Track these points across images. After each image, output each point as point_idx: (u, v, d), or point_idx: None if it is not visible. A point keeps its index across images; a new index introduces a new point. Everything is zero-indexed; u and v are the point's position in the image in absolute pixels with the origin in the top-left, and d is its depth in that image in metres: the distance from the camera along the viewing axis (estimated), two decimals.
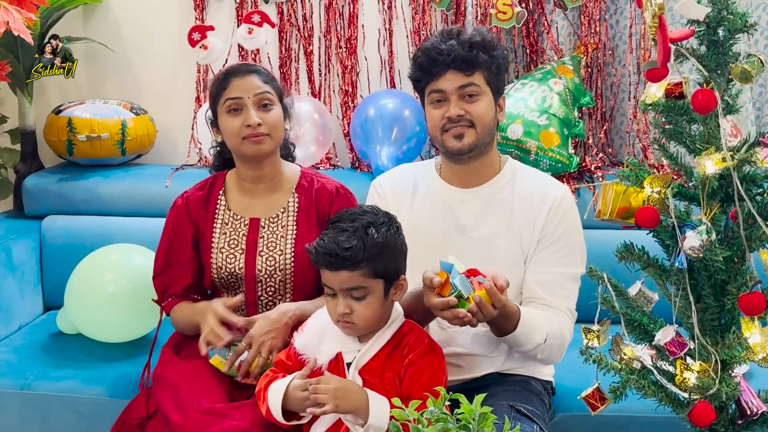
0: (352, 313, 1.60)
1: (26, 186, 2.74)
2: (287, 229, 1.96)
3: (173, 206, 2.03)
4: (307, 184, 2.01)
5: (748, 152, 1.05)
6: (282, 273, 1.93)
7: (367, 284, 1.59)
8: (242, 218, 1.98)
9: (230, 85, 1.91)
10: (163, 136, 2.98)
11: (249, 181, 2.00)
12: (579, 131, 2.67)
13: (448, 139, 1.82)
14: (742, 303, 1.04)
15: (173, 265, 1.98)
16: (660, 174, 1.11)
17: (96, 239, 2.54)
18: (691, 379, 1.04)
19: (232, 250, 1.95)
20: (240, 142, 1.91)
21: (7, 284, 2.45)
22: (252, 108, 1.89)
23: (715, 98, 1.05)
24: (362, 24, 2.91)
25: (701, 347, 1.08)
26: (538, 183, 1.90)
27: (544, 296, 1.80)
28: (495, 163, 1.91)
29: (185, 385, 1.81)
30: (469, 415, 1.18)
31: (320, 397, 1.55)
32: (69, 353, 2.28)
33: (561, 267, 1.80)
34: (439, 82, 1.80)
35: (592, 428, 1.99)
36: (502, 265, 1.79)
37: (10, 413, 2.09)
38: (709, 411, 1.03)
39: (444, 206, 1.89)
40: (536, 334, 1.72)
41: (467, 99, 1.80)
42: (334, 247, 1.57)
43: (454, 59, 1.77)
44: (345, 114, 2.94)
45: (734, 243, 1.09)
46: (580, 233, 1.86)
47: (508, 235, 1.84)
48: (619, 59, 2.82)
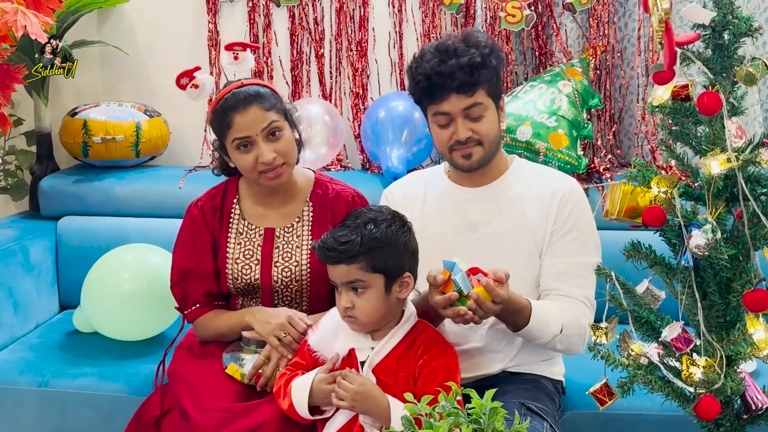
0: (354, 307, 1.64)
1: (42, 187, 2.79)
2: (302, 238, 1.97)
3: (189, 215, 2.01)
4: (322, 192, 2.01)
5: (753, 153, 1.08)
6: (298, 283, 1.95)
7: (365, 278, 1.62)
8: (257, 228, 1.98)
9: (234, 124, 1.85)
10: (177, 138, 3.02)
11: (263, 195, 2.00)
12: (588, 133, 2.70)
13: (457, 158, 1.85)
14: (746, 300, 1.06)
15: (193, 273, 1.97)
16: (667, 174, 1.14)
17: (111, 239, 2.58)
18: (696, 374, 1.07)
19: (247, 261, 1.96)
20: (257, 177, 1.89)
21: (25, 283, 2.50)
22: (262, 143, 1.85)
23: (720, 100, 1.08)
24: (373, 27, 2.94)
25: (707, 343, 1.10)
26: (546, 177, 1.93)
27: (560, 287, 1.82)
28: (502, 163, 1.94)
29: (201, 383, 1.84)
30: (480, 409, 1.21)
31: (340, 393, 1.59)
32: (85, 351, 2.32)
33: (575, 257, 1.82)
34: (443, 105, 1.79)
35: (601, 426, 2.02)
36: (516, 261, 1.82)
37: (29, 410, 2.13)
38: (714, 405, 1.06)
39: (454, 206, 1.92)
40: (551, 326, 1.74)
41: (472, 120, 1.80)
42: (332, 241, 1.62)
43: (457, 85, 1.76)
44: (356, 116, 2.98)
45: (739, 242, 1.11)
46: (592, 223, 1.87)
47: (520, 230, 1.87)
48: (627, 62, 2.85)
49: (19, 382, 2.16)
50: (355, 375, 1.62)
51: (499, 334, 1.86)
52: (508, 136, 2.62)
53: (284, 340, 1.84)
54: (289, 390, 1.69)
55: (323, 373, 1.66)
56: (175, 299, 2.01)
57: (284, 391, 1.71)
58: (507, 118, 2.61)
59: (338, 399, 1.60)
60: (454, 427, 1.20)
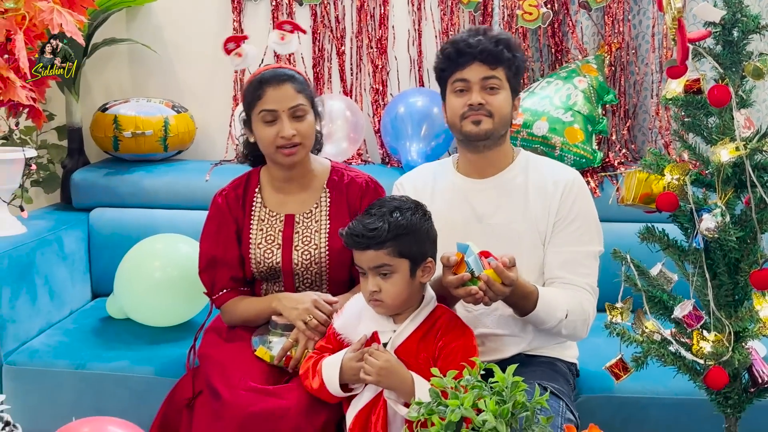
0: (381, 291, 1.72)
1: (74, 180, 2.89)
2: (321, 223, 2.07)
3: (214, 204, 2.11)
4: (338, 179, 2.11)
5: (760, 142, 1.15)
6: (317, 266, 2.04)
7: (392, 263, 1.72)
8: (278, 215, 2.08)
9: (265, 95, 1.97)
10: (202, 133, 3.11)
11: (281, 181, 2.09)
12: (603, 128, 2.77)
13: (467, 124, 1.93)
14: (753, 279, 1.14)
15: (219, 259, 2.06)
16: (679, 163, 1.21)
17: (141, 230, 2.67)
18: (706, 348, 1.14)
19: (269, 246, 2.05)
20: (274, 151, 2.00)
21: (60, 272, 2.60)
22: (286, 120, 1.96)
23: (729, 93, 1.15)
24: (392, 25, 3.02)
25: (716, 320, 1.18)
26: (549, 170, 2.01)
27: (564, 275, 1.90)
28: (508, 154, 2.03)
29: (231, 364, 1.93)
30: (503, 383, 1.29)
31: (367, 368, 1.68)
32: (118, 336, 2.42)
33: (579, 246, 1.91)
34: (465, 72, 1.92)
35: (615, 408, 2.09)
36: (521, 249, 1.89)
37: (67, 391, 2.23)
38: (722, 375, 1.14)
39: (462, 197, 1.99)
40: (557, 311, 1.82)
41: (488, 91, 1.92)
42: (361, 228, 1.72)
43: (480, 51, 1.90)
44: (376, 111, 3.06)
45: (747, 225, 1.19)
46: (594, 213, 1.96)
47: (524, 220, 1.95)
48: (641, 58, 2.91)
49: (57, 364, 2.26)
50: (381, 352, 1.71)
51: (510, 320, 1.93)
52: (525, 130, 2.70)
53: (310, 323, 1.93)
54: (319, 369, 1.78)
55: (352, 352, 1.75)
56: (204, 285, 2.11)
57: (314, 372, 1.80)
58: (524, 113, 2.71)
59: (365, 374, 1.69)
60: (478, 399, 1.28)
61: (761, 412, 1.53)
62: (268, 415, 1.78)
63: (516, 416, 1.26)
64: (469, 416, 1.25)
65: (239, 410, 1.80)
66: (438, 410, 1.30)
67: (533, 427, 1.26)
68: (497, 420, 1.23)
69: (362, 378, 1.70)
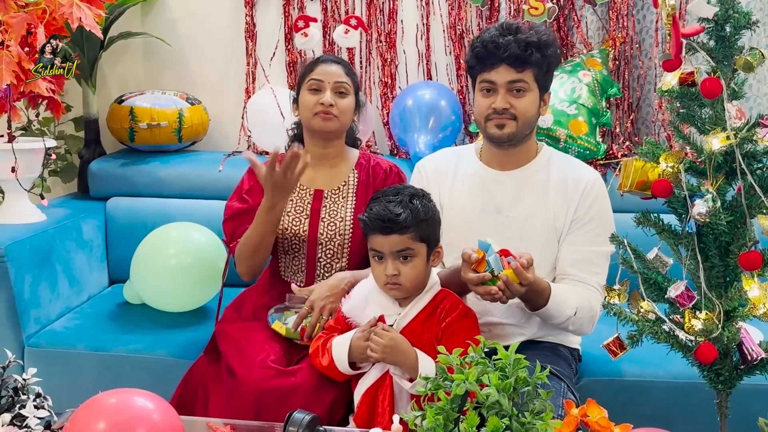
0: (400, 274, 1.80)
1: (91, 170, 2.97)
2: (347, 200, 2.18)
3: (250, 172, 2.21)
4: (365, 162, 2.24)
5: (750, 132, 1.22)
6: (341, 238, 2.14)
7: (414, 247, 1.80)
8: (308, 189, 2.20)
9: (317, 69, 2.17)
10: (216, 124, 3.18)
11: (315, 157, 2.19)
12: (606, 120, 2.83)
13: (490, 127, 1.96)
14: (742, 260, 1.20)
15: (246, 213, 2.15)
16: (674, 151, 1.28)
17: (156, 219, 2.75)
18: (697, 326, 1.21)
19: (297, 215, 2.17)
20: (311, 117, 2.14)
21: (78, 258, 2.68)
22: (329, 91, 2.13)
23: (721, 85, 1.22)
24: (401, 19, 3.09)
25: (707, 300, 1.25)
26: (571, 168, 2.04)
27: (576, 273, 1.95)
28: (532, 149, 2.06)
29: (246, 342, 2.01)
30: (506, 360, 1.36)
31: (372, 346, 1.76)
32: (135, 320, 2.50)
33: (593, 246, 1.95)
34: (492, 73, 1.93)
35: (616, 391, 2.17)
36: (536, 244, 1.94)
37: (87, 371, 2.32)
38: (711, 350, 1.20)
39: (482, 187, 2.04)
40: (567, 308, 1.88)
41: (514, 93, 1.92)
42: (387, 213, 1.79)
43: (509, 56, 1.89)
44: (384, 104, 3.12)
45: (737, 210, 1.25)
46: (610, 215, 2.00)
47: (542, 215, 1.99)
48: (645, 52, 2.97)
49: (77, 346, 2.35)
50: (385, 331, 1.79)
51: (516, 311, 1.99)
52: None
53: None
54: (329, 348, 1.86)
55: (360, 332, 1.83)
56: (225, 233, 2.20)
57: (323, 350, 1.88)
58: None
59: (371, 351, 1.77)
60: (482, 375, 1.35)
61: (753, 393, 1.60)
62: (280, 391, 1.86)
63: (518, 391, 1.33)
64: (474, 390, 1.32)
65: (253, 386, 1.88)
66: (444, 385, 1.37)
67: (534, 401, 1.33)
68: (500, 394, 1.30)
69: (369, 355, 1.78)
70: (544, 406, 1.33)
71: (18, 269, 2.35)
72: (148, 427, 1.27)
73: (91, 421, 1.27)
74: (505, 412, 1.31)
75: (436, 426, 1.34)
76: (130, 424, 1.27)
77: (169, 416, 1.32)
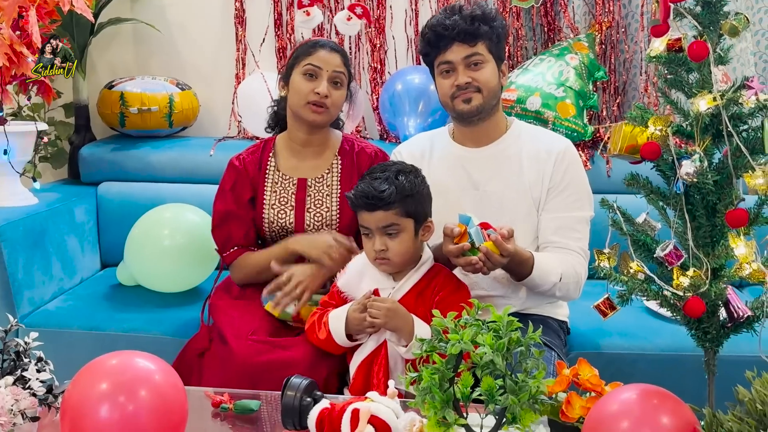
0: (388, 249, 1.83)
1: (82, 155, 2.98)
2: (332, 188, 2.18)
3: (230, 166, 2.22)
4: (349, 148, 2.23)
5: (735, 94, 1.26)
6: (328, 227, 2.15)
7: (399, 222, 1.82)
8: (291, 178, 2.19)
9: (316, 53, 2.12)
10: (206, 110, 3.20)
11: (299, 144, 2.20)
12: (594, 103, 2.87)
13: (458, 104, 2.02)
14: (728, 217, 1.24)
15: (232, 218, 2.17)
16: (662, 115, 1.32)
17: (147, 203, 2.74)
18: (685, 282, 1.25)
19: (282, 207, 2.16)
20: (303, 105, 2.11)
21: (71, 241, 2.69)
22: (325, 80, 2.10)
23: (707, 48, 1.26)
24: (390, 5, 3.11)
25: (695, 259, 1.29)
26: (542, 138, 2.10)
27: (558, 240, 2.00)
28: (501, 124, 2.12)
29: (241, 317, 2.04)
30: (499, 321, 1.39)
31: (374, 312, 1.79)
32: (130, 300, 2.52)
33: (571, 211, 2.01)
34: (447, 54, 2.00)
35: (605, 364, 2.19)
36: (515, 216, 2.00)
37: (82, 350, 2.30)
38: (699, 304, 1.24)
39: (458, 165, 2.08)
40: (551, 275, 1.93)
41: (473, 67, 2.00)
42: (371, 190, 1.81)
43: (458, 33, 1.97)
44: (374, 89, 3.15)
45: (724, 171, 1.29)
46: (585, 180, 2.07)
47: (518, 187, 2.04)
48: (631, 37, 3.01)
49: (72, 325, 2.36)
50: (384, 298, 1.83)
51: (504, 282, 2.03)
52: (519, 105, 2.80)
53: (334, 255, 2.04)
54: (326, 322, 1.89)
55: (357, 304, 1.86)
56: (216, 242, 2.21)
57: (319, 324, 1.90)
58: (518, 89, 2.81)
59: (372, 318, 1.79)
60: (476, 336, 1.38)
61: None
62: (275, 365, 1.88)
63: (511, 351, 1.36)
64: (468, 350, 1.35)
65: (246, 359, 1.90)
66: (439, 347, 1.40)
67: (527, 360, 1.36)
68: (494, 353, 1.33)
69: (369, 322, 1.81)
70: (537, 365, 1.36)
71: (11, 250, 2.36)
72: (149, 387, 1.29)
73: (93, 381, 1.29)
74: (498, 372, 1.34)
75: (432, 385, 1.37)
76: (132, 385, 1.29)
77: (170, 377, 1.34)
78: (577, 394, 1.41)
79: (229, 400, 1.65)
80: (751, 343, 1.42)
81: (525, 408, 1.34)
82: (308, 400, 1.50)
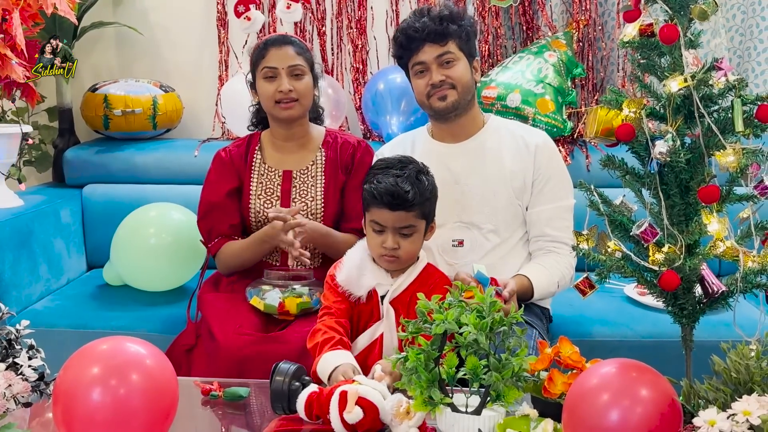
0: (400, 248, 1.83)
1: (67, 158, 2.99)
2: (317, 179, 2.23)
3: (217, 159, 2.27)
4: (332, 140, 2.29)
5: (705, 75, 1.30)
6: (313, 217, 2.19)
7: (416, 223, 1.83)
8: (276, 171, 2.24)
9: (268, 54, 2.17)
10: (190, 112, 3.22)
11: (281, 139, 2.25)
12: (572, 99, 2.92)
13: (434, 102, 2.08)
14: (701, 194, 1.28)
15: (217, 208, 2.21)
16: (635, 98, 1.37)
17: (132, 204, 2.73)
18: (660, 258, 1.29)
19: (268, 197, 2.21)
20: (273, 106, 2.17)
21: (57, 243, 2.70)
22: (285, 77, 2.14)
23: (678, 31, 1.30)
24: (371, 6, 3.16)
25: (670, 236, 1.33)
26: (520, 131, 2.17)
27: (549, 232, 2.07)
28: (478, 119, 2.18)
29: (228, 311, 2.06)
30: (482, 302, 1.43)
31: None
32: (117, 299, 2.54)
33: (557, 201, 2.08)
34: (419, 55, 2.07)
35: (587, 351, 2.18)
36: (497, 206, 2.07)
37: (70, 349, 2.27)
38: (674, 277, 1.28)
39: (438, 161, 2.11)
40: (550, 287, 2.04)
41: (445, 66, 2.06)
42: (398, 189, 1.78)
43: (428, 33, 2.04)
44: (356, 89, 3.19)
45: (696, 150, 1.34)
46: (564, 168, 2.15)
47: (499, 179, 2.09)
48: (608, 34, 3.07)
49: (60, 324, 2.37)
50: None
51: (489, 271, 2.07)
52: (499, 102, 2.85)
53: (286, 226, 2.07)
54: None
55: None
56: (201, 233, 2.24)
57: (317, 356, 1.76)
58: (498, 86, 2.86)
59: None
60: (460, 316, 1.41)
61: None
62: (262, 357, 1.90)
63: (494, 331, 1.39)
64: (452, 330, 1.38)
65: (234, 352, 1.93)
66: (424, 328, 1.43)
67: (510, 338, 1.40)
68: (478, 333, 1.37)
69: None
70: (519, 343, 1.40)
71: None
72: (141, 371, 1.31)
73: (84, 366, 1.31)
74: (482, 351, 1.38)
75: (417, 365, 1.41)
76: (124, 369, 1.31)
77: (161, 361, 1.36)
78: (559, 371, 1.45)
79: (218, 389, 1.67)
80: (729, 328, 1.48)
81: (509, 385, 1.38)
82: (297, 384, 1.53)
